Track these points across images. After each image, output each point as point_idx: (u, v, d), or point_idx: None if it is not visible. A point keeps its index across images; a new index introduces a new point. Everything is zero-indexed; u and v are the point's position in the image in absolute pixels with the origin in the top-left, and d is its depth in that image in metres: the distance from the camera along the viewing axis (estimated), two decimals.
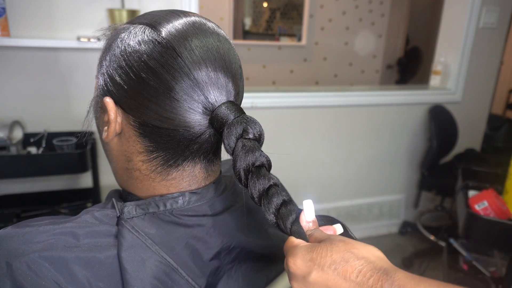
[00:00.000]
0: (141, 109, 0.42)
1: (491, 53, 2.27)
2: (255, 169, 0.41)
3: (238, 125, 0.42)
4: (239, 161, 0.41)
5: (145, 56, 0.41)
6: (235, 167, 0.42)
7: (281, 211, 0.41)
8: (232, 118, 0.42)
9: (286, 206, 0.41)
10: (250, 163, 0.41)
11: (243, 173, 0.41)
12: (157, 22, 0.43)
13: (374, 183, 2.29)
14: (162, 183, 0.47)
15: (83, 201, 1.60)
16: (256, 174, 0.41)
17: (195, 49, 0.42)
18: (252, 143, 0.42)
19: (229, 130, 0.42)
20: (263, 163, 0.42)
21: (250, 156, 0.41)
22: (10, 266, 0.38)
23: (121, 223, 0.44)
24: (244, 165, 0.41)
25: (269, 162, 0.43)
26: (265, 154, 0.43)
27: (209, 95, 0.42)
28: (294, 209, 0.42)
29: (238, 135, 0.42)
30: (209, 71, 0.42)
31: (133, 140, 0.45)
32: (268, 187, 0.41)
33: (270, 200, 0.41)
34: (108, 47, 0.45)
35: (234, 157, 0.42)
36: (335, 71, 4.00)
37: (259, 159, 0.42)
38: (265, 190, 0.41)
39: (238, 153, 0.41)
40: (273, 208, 0.41)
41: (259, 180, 0.41)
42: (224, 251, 0.48)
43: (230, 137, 0.42)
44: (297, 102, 1.97)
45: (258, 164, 0.41)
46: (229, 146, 0.42)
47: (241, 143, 0.41)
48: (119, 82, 0.43)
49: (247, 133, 0.42)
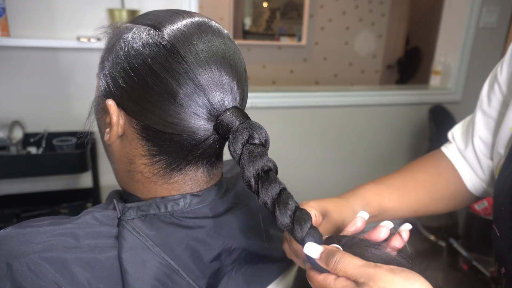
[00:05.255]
0: (145, 113, 0.42)
1: (491, 53, 2.27)
2: (265, 175, 0.40)
3: (244, 131, 0.41)
4: (248, 168, 0.40)
5: (149, 60, 0.40)
6: (244, 175, 0.41)
7: (296, 215, 0.39)
8: (237, 124, 0.42)
9: (302, 211, 0.40)
10: (260, 169, 0.40)
11: (253, 180, 0.40)
12: (161, 23, 0.42)
13: None
14: (164, 186, 0.46)
15: (83, 201, 1.60)
16: (266, 179, 0.40)
17: (200, 54, 0.41)
18: (259, 149, 0.41)
19: (235, 137, 0.41)
20: (271, 168, 0.41)
21: (259, 162, 0.40)
22: (10, 267, 0.38)
23: (122, 224, 0.44)
24: (254, 172, 0.40)
25: (275, 167, 0.42)
26: (271, 159, 0.42)
27: (213, 100, 0.41)
28: (309, 215, 0.40)
29: (244, 141, 0.41)
30: (214, 76, 0.41)
31: (136, 143, 0.45)
32: (280, 191, 0.40)
33: (286, 204, 0.39)
34: (111, 47, 0.44)
35: (242, 164, 0.41)
36: (335, 71, 4.00)
37: (267, 164, 0.41)
38: (278, 195, 0.40)
39: (245, 160, 0.40)
40: (290, 212, 0.39)
41: (271, 185, 0.40)
42: (225, 252, 0.48)
43: (236, 143, 0.41)
44: (297, 102, 1.97)
45: (266, 169, 0.41)
46: (235, 152, 0.41)
47: (248, 150, 0.41)
48: (122, 85, 0.42)
49: (253, 138, 0.42)
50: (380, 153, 2.24)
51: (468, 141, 0.68)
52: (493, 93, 0.64)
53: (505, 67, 0.61)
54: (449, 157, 0.71)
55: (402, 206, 0.65)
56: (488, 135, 0.65)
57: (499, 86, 0.62)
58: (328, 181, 2.18)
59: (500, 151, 0.59)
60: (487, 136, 0.65)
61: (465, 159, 0.69)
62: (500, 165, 0.58)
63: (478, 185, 0.68)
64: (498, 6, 2.16)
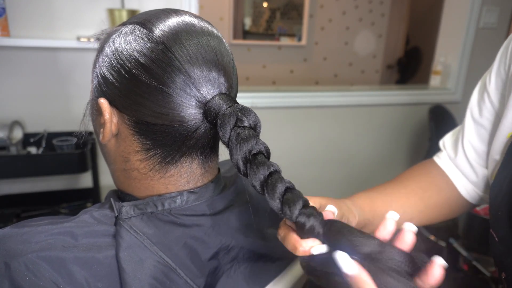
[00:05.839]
0: (135, 107, 0.42)
1: (491, 53, 2.25)
2: (253, 157, 0.40)
3: (232, 114, 0.41)
4: (235, 151, 0.40)
5: (135, 53, 0.41)
6: (232, 158, 0.40)
7: (285, 197, 0.38)
8: (224, 108, 0.42)
9: (292, 192, 0.39)
10: (247, 151, 0.40)
11: (241, 163, 0.40)
12: (148, 20, 0.43)
13: (374, 183, 2.28)
14: (161, 181, 0.47)
15: (83, 201, 1.60)
16: (254, 162, 0.39)
17: (185, 43, 0.42)
18: (247, 131, 0.40)
19: (223, 121, 0.41)
20: (261, 151, 0.41)
21: (246, 145, 0.40)
22: (8, 266, 0.38)
23: (119, 223, 0.44)
24: (241, 155, 0.40)
25: (267, 150, 0.41)
26: (262, 142, 0.41)
27: (201, 88, 0.42)
28: (301, 196, 0.39)
29: (232, 125, 0.41)
30: (200, 64, 0.42)
31: (130, 140, 0.45)
32: (269, 174, 0.39)
33: (274, 186, 0.38)
34: (101, 49, 0.46)
35: (230, 147, 0.41)
36: (335, 71, 4.00)
37: (256, 147, 0.40)
38: (266, 178, 0.39)
39: (233, 142, 0.40)
40: (278, 194, 0.38)
41: (259, 168, 0.39)
42: (223, 251, 0.48)
43: (224, 127, 0.41)
44: (297, 102, 1.97)
45: (255, 152, 0.40)
46: (225, 137, 0.41)
47: (236, 133, 0.40)
48: (111, 81, 0.43)
49: (242, 121, 0.41)
50: (380, 153, 2.24)
51: (458, 149, 0.68)
52: (483, 102, 0.64)
53: (493, 77, 0.61)
54: (440, 165, 0.70)
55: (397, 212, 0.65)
56: (480, 144, 0.64)
57: (488, 95, 0.63)
58: (328, 181, 2.18)
59: (495, 157, 0.59)
60: (479, 146, 0.65)
61: (457, 167, 0.68)
62: (495, 172, 0.58)
63: (473, 191, 0.67)
64: (498, 6, 2.16)
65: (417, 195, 0.67)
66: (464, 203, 0.69)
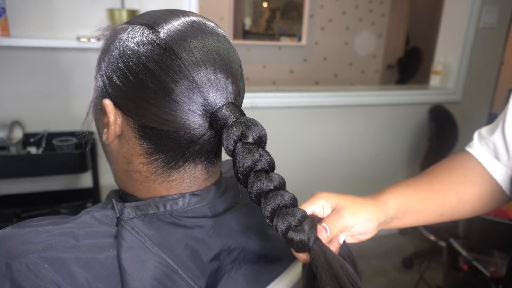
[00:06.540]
0: (141, 111, 0.42)
1: (491, 53, 2.27)
2: (254, 175, 0.42)
3: (237, 127, 0.42)
4: (237, 164, 0.42)
5: (143, 58, 0.41)
6: (235, 172, 0.42)
7: (276, 214, 0.41)
8: (231, 120, 0.42)
9: (282, 210, 0.41)
10: (248, 166, 0.41)
11: (242, 177, 0.42)
12: (156, 22, 0.43)
13: (374, 183, 2.28)
14: (163, 184, 0.46)
15: (83, 201, 1.60)
16: (254, 177, 0.42)
17: (194, 50, 0.41)
18: (250, 147, 0.42)
19: (228, 133, 0.42)
20: (263, 167, 0.42)
21: (247, 160, 0.41)
22: (9, 267, 0.38)
23: (121, 224, 0.44)
24: (242, 169, 0.42)
25: (270, 164, 0.43)
26: (266, 156, 0.42)
27: (208, 96, 0.42)
28: (293, 213, 0.41)
29: (236, 138, 0.42)
30: (208, 72, 0.41)
31: (133, 142, 0.45)
32: (268, 190, 0.41)
33: (267, 203, 0.41)
34: (106, 48, 0.45)
35: (233, 160, 0.42)
36: (335, 71, 4.00)
37: (258, 162, 0.42)
38: (262, 194, 0.42)
39: (236, 156, 0.42)
40: (268, 212, 0.41)
41: (257, 183, 0.41)
42: (224, 252, 0.48)
43: (228, 140, 0.42)
44: (297, 102, 1.97)
45: (257, 168, 0.42)
46: (228, 149, 0.42)
47: (238, 148, 0.42)
48: (117, 84, 0.43)
49: (246, 136, 0.42)
50: (380, 153, 2.24)
51: (496, 129, 0.66)
52: None
53: None
54: (473, 153, 0.69)
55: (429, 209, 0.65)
56: None
57: None
58: (328, 181, 2.18)
59: None
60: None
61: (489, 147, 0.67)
62: None
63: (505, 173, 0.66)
64: (498, 6, 2.16)
65: (452, 190, 0.66)
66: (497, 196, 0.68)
